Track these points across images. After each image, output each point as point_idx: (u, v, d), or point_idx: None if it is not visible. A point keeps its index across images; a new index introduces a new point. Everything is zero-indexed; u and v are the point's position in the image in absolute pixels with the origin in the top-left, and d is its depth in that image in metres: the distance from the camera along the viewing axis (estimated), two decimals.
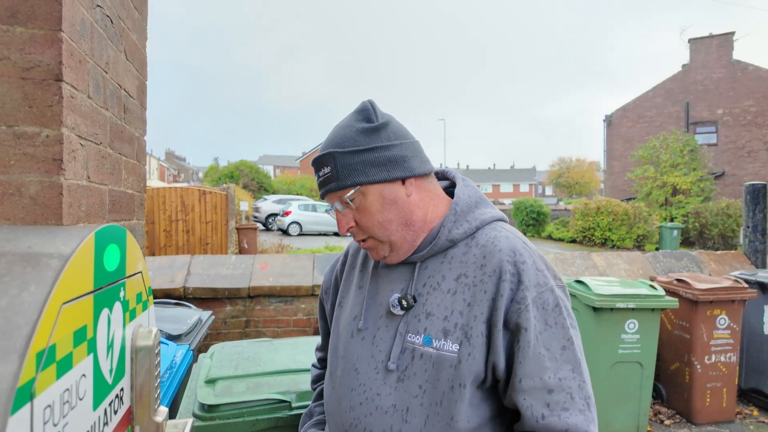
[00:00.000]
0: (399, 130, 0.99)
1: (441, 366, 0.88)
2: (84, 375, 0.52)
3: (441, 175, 1.16)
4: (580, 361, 0.91)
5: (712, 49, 19.85)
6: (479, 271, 0.92)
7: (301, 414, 1.48)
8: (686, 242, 16.35)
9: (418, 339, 0.92)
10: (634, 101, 21.79)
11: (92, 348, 0.54)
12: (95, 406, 0.55)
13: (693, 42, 20.29)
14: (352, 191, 0.93)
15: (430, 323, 0.92)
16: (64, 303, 0.46)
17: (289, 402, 1.48)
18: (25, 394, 0.39)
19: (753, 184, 4.52)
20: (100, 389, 0.57)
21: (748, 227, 4.51)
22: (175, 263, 3.96)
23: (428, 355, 0.90)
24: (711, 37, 19.99)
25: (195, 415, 1.44)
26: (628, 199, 18.61)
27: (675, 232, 14.91)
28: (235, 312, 3.78)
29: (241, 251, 11.19)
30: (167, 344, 2.05)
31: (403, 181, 0.96)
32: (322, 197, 0.99)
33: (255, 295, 3.77)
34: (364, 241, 1.00)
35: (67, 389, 0.47)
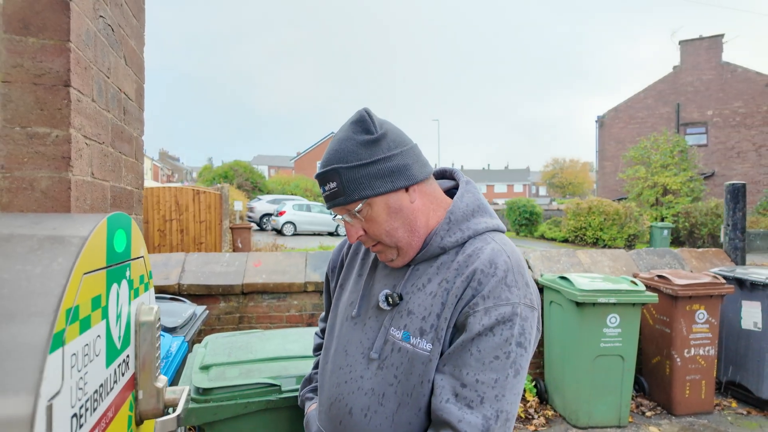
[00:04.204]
0: (398, 137, 1.01)
1: (414, 361, 0.96)
2: (99, 336, 0.61)
3: (449, 175, 1.21)
4: (508, 377, 0.91)
5: (701, 51, 20.14)
6: (458, 277, 0.97)
7: (290, 397, 1.57)
8: (676, 242, 16.57)
9: (398, 334, 1.00)
10: (626, 102, 22.04)
11: (105, 315, 0.63)
12: (107, 365, 0.65)
13: (683, 44, 20.57)
14: (360, 204, 0.98)
15: (410, 321, 0.99)
16: (85, 273, 0.56)
17: (279, 386, 1.58)
18: (58, 340, 0.49)
19: (733, 184, 4.66)
20: (111, 351, 0.67)
21: (728, 225, 4.65)
22: (169, 261, 4.03)
23: (405, 350, 0.98)
24: (701, 39, 20.28)
25: (190, 399, 1.54)
26: (620, 199, 18.83)
27: (665, 232, 15.12)
28: (229, 308, 3.87)
29: (235, 251, 11.25)
30: (163, 335, 2.14)
31: (407, 188, 1.01)
32: (329, 209, 1.04)
33: (248, 291, 3.85)
34: (374, 246, 1.05)
35: (87, 344, 0.57)
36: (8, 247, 0.52)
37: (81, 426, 0.54)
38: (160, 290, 3.70)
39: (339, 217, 1.05)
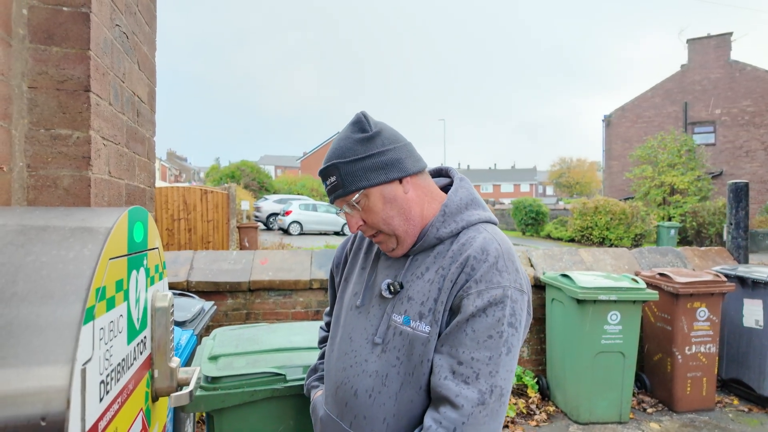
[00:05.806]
0: (391, 135, 1.10)
1: (415, 343, 1.04)
2: (121, 315, 0.69)
3: (444, 173, 1.30)
4: (501, 354, 0.97)
5: (710, 49, 19.99)
6: (453, 264, 1.05)
7: (295, 386, 1.65)
8: (684, 241, 16.48)
9: (399, 319, 1.08)
10: (633, 101, 21.93)
11: (126, 297, 0.71)
12: (128, 342, 0.73)
13: (691, 42, 20.43)
14: (357, 195, 1.07)
15: (410, 306, 1.08)
16: (111, 258, 0.63)
17: (284, 375, 1.65)
18: (90, 314, 0.56)
19: (735, 183, 4.67)
20: (131, 331, 0.75)
21: (731, 224, 4.67)
22: (178, 258, 4.13)
23: (406, 333, 1.06)
24: (709, 37, 20.13)
25: (199, 387, 1.62)
26: (627, 199, 18.76)
27: (672, 231, 15.05)
28: (236, 305, 3.95)
29: (242, 249, 11.37)
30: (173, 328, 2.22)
31: (401, 180, 1.09)
32: (331, 202, 1.14)
33: (255, 288, 3.93)
34: (374, 236, 1.14)
35: (112, 321, 0.65)
36: (45, 235, 0.60)
37: (108, 392, 0.61)
38: (170, 287, 3.79)
39: (340, 210, 1.14)
